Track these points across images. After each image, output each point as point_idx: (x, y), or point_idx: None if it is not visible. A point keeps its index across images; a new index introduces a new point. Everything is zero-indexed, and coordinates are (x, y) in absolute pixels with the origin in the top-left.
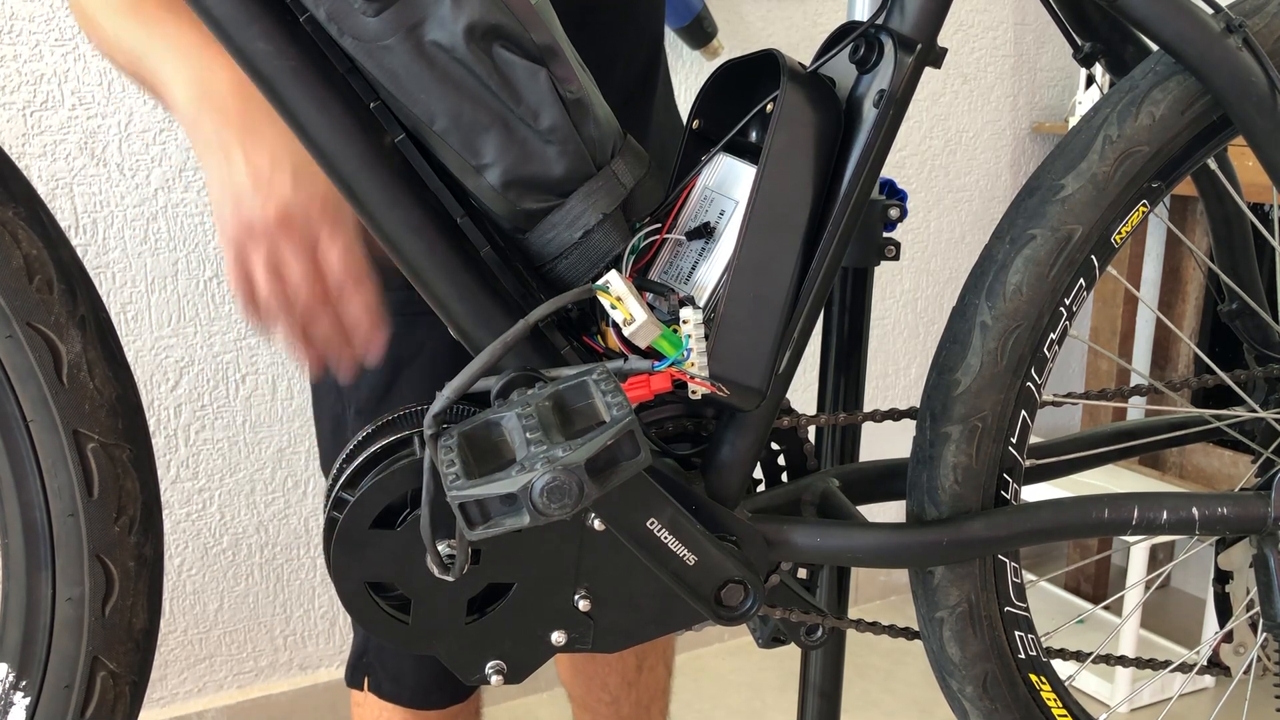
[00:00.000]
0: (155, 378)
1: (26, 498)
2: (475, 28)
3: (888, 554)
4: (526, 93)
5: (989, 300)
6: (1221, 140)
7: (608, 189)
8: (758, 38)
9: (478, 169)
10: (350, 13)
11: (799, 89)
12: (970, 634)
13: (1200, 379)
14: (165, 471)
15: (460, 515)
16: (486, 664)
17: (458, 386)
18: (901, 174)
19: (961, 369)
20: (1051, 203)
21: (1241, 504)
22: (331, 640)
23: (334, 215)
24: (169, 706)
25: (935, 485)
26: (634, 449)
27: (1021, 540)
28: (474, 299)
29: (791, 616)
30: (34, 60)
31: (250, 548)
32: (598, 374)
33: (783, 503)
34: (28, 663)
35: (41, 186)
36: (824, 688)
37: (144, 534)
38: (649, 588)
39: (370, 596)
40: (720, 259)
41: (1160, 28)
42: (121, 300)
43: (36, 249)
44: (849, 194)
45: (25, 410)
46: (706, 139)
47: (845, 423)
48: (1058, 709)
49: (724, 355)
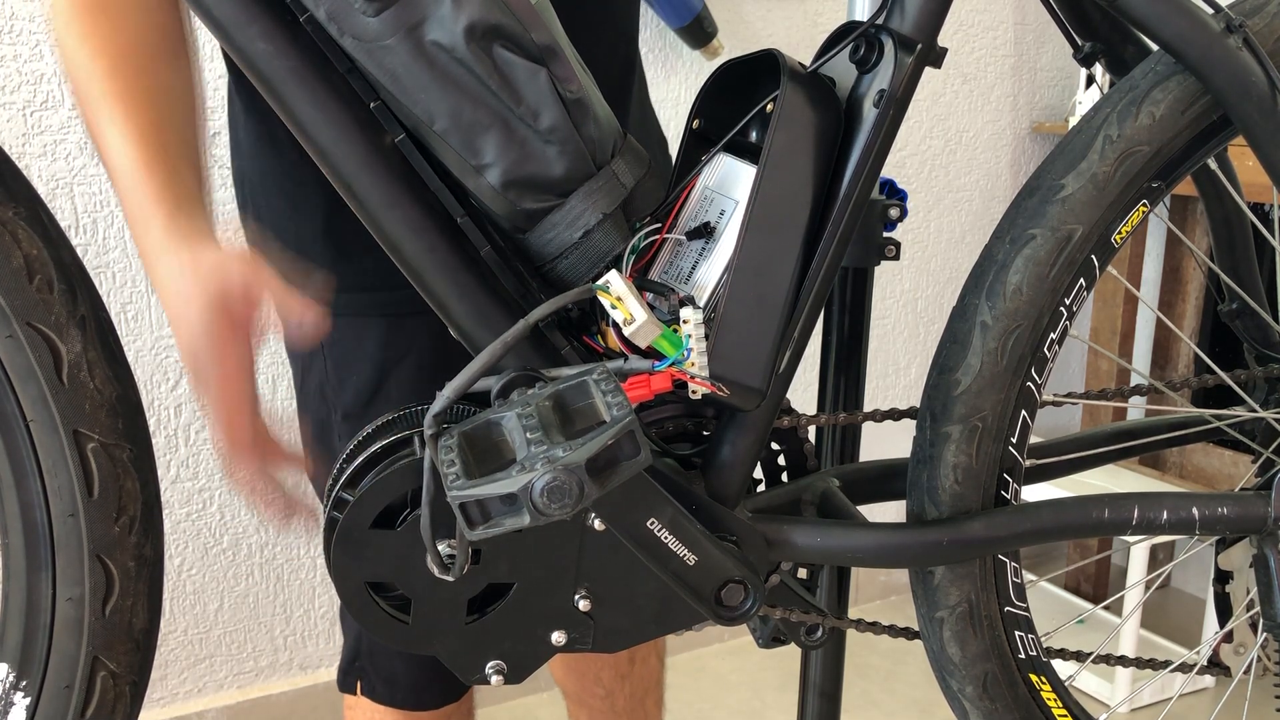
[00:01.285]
0: (155, 378)
1: (27, 498)
2: (475, 28)
3: (888, 554)
4: (527, 93)
5: (989, 300)
6: (1222, 140)
7: (608, 189)
8: (758, 38)
9: (478, 169)
10: (350, 13)
11: (799, 89)
12: (970, 634)
13: (1200, 379)
14: (165, 471)
15: (460, 515)
16: (487, 664)
17: (458, 386)
18: (901, 174)
19: (962, 369)
20: (1052, 203)
21: (1241, 504)
22: (331, 640)
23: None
24: (169, 706)
25: (935, 485)
26: (634, 449)
27: (1022, 540)
28: (474, 299)
29: (792, 616)
30: (34, 60)
31: (250, 548)
32: (598, 374)
33: (783, 503)
34: (28, 663)
35: (41, 186)
36: (824, 688)
37: (144, 534)
38: (649, 588)
39: (370, 596)
40: (720, 259)
41: (1160, 28)
42: (121, 300)
43: (37, 249)
44: (849, 194)
45: (25, 410)
46: (706, 139)
47: (845, 423)
48: (1058, 709)
49: (724, 355)
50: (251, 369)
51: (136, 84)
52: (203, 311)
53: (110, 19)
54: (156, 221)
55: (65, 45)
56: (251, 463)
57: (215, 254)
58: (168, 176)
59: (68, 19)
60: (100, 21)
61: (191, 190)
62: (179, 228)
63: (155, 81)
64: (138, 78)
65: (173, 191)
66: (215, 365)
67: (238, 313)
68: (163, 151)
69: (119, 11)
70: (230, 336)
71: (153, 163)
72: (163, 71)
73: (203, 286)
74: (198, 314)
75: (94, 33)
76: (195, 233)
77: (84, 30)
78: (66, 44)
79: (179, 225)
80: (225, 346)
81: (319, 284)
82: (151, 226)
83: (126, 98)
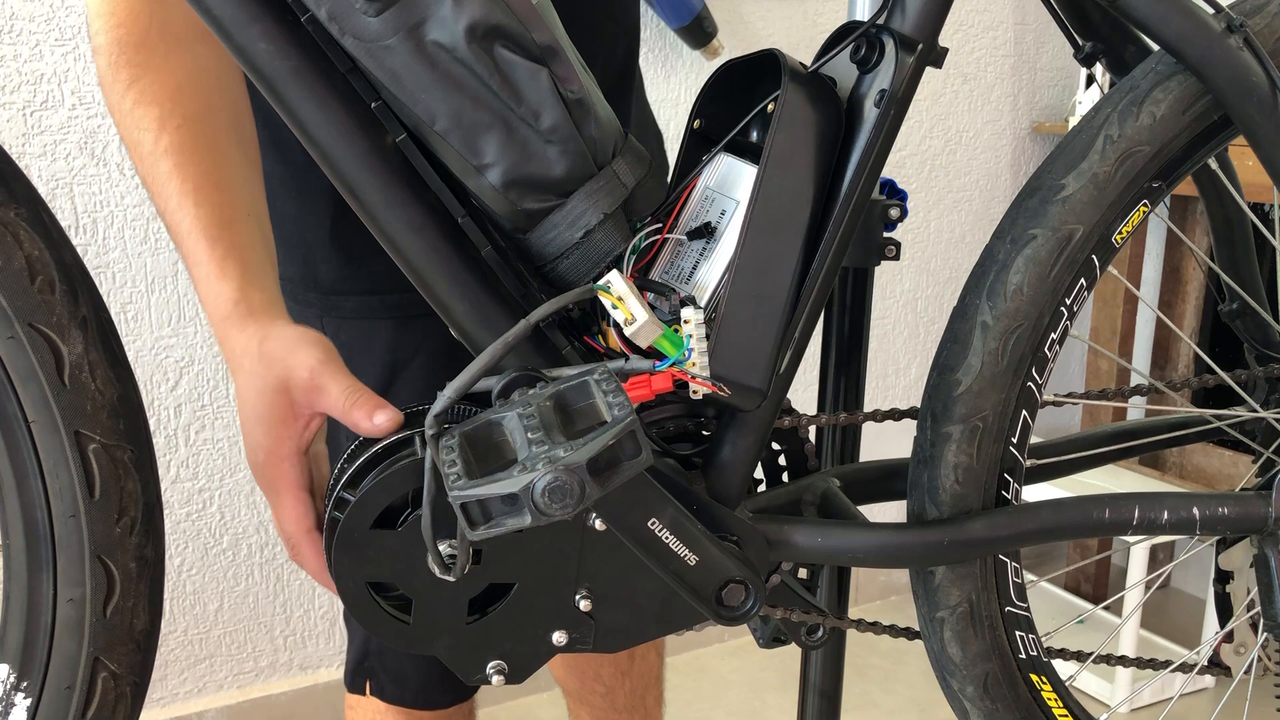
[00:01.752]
0: (155, 378)
1: (28, 499)
2: (476, 27)
3: (888, 554)
4: (528, 93)
5: (990, 300)
6: (1222, 140)
7: (609, 189)
8: (758, 38)
9: (479, 169)
10: (351, 13)
11: (800, 89)
12: (971, 634)
13: (1200, 379)
14: (165, 471)
15: (461, 515)
16: (488, 664)
17: (459, 386)
18: (901, 174)
19: (962, 369)
20: (1052, 203)
21: (1242, 504)
22: (331, 640)
23: (272, 477)
24: (169, 706)
25: (936, 485)
26: (635, 449)
27: (1022, 540)
28: (475, 299)
29: (792, 616)
30: (34, 60)
31: (250, 548)
32: (599, 374)
33: (783, 503)
34: (29, 664)
35: (41, 186)
36: (824, 688)
37: (145, 535)
38: (650, 588)
39: (371, 596)
40: (721, 259)
41: (1161, 27)
42: (121, 300)
43: (38, 250)
44: (850, 194)
45: (27, 411)
46: (707, 139)
47: (845, 423)
48: (1058, 709)
49: (725, 355)
50: (304, 457)
51: (193, 135)
52: (262, 394)
53: (162, 57)
54: (224, 296)
55: (111, 90)
56: (312, 548)
57: (285, 335)
58: (233, 243)
59: (112, 60)
60: (151, 61)
61: (260, 258)
62: (248, 301)
63: (214, 133)
64: (196, 128)
65: (239, 261)
66: (272, 450)
67: (298, 401)
68: (228, 213)
69: (168, 50)
70: (290, 421)
71: (217, 228)
72: (222, 119)
73: (267, 367)
74: (257, 396)
75: (143, 75)
76: (265, 306)
77: (132, 73)
78: (113, 89)
79: (249, 299)
80: (283, 429)
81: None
82: (219, 300)
83: (184, 152)
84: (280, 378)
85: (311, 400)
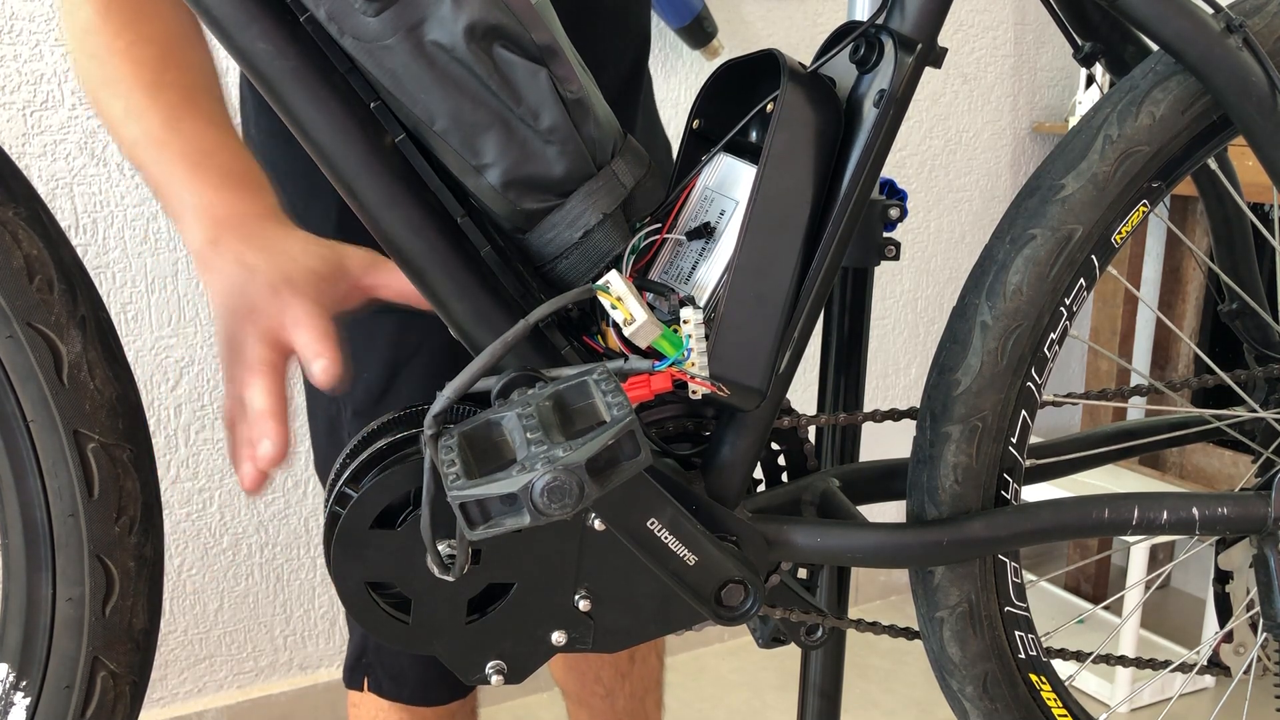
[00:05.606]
0: (155, 378)
1: (27, 498)
2: (476, 27)
3: (888, 554)
4: (527, 93)
5: (989, 300)
6: (1222, 140)
7: (608, 189)
8: (758, 38)
9: (478, 169)
10: (350, 13)
11: (799, 89)
12: (970, 634)
13: (1200, 379)
14: (165, 471)
15: (460, 515)
16: (487, 664)
17: (458, 386)
18: (901, 174)
19: (962, 369)
20: (1052, 203)
21: (1241, 504)
22: (331, 640)
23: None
24: (169, 706)
25: (935, 485)
26: (634, 449)
27: (1022, 540)
28: (474, 299)
29: (792, 616)
30: (34, 60)
31: (250, 548)
32: (598, 374)
33: (783, 503)
34: (28, 663)
35: (41, 186)
36: (824, 688)
37: (144, 534)
38: (649, 588)
39: (370, 596)
40: (720, 259)
41: (1160, 27)
42: (121, 300)
43: (37, 249)
44: (849, 194)
45: (26, 410)
46: (706, 139)
47: (845, 423)
48: (1058, 709)
49: (724, 355)
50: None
51: (160, 73)
52: (229, 310)
53: (131, 19)
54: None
55: (80, 49)
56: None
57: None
58: (203, 144)
59: (83, 26)
60: (124, 20)
61: (239, 164)
62: (226, 202)
63: (179, 68)
64: (161, 67)
65: (215, 164)
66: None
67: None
68: (195, 113)
69: (138, 11)
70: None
71: (178, 130)
72: (189, 53)
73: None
74: (228, 307)
75: (120, 33)
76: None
77: (106, 36)
78: (82, 47)
79: (226, 200)
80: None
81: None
82: (192, 208)
83: (151, 86)
84: (285, 271)
85: None
